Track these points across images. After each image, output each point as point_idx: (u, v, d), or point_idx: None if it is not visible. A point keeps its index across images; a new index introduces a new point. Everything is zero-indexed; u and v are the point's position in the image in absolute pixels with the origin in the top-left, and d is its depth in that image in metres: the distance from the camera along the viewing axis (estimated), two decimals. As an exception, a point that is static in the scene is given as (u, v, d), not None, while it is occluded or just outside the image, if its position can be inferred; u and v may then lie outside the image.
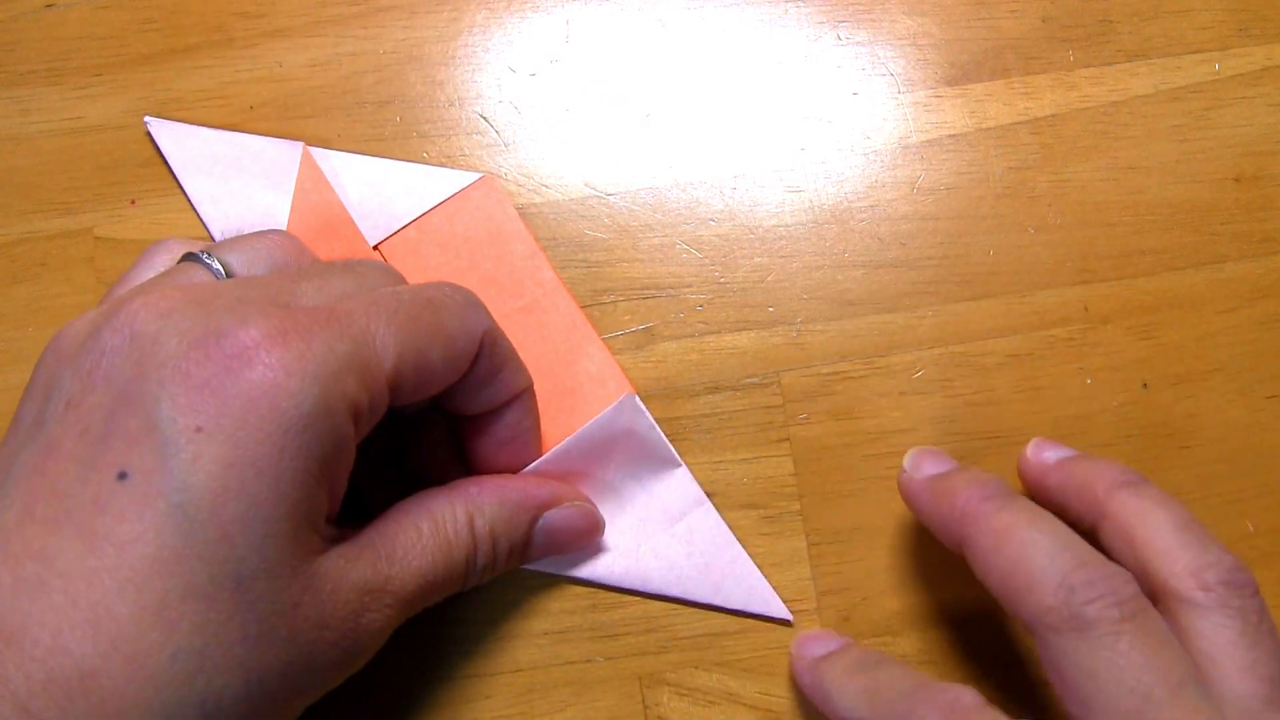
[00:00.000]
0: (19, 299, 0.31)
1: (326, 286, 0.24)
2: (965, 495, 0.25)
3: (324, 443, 0.21)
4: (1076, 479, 0.26)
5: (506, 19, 0.33)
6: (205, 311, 0.21)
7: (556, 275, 0.31)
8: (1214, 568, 0.23)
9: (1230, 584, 0.23)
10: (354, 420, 0.22)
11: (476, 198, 0.31)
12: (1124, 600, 0.22)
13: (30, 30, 0.33)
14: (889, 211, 0.31)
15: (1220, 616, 0.23)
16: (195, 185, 0.31)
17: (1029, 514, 0.24)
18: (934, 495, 0.26)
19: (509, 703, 0.29)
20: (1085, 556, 0.23)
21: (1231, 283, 0.31)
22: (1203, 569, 0.23)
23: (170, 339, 0.21)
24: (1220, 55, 0.32)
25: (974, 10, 0.33)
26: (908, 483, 0.27)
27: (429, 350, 0.23)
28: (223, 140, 0.31)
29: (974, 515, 0.25)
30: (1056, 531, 0.24)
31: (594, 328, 0.30)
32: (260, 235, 0.26)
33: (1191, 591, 0.23)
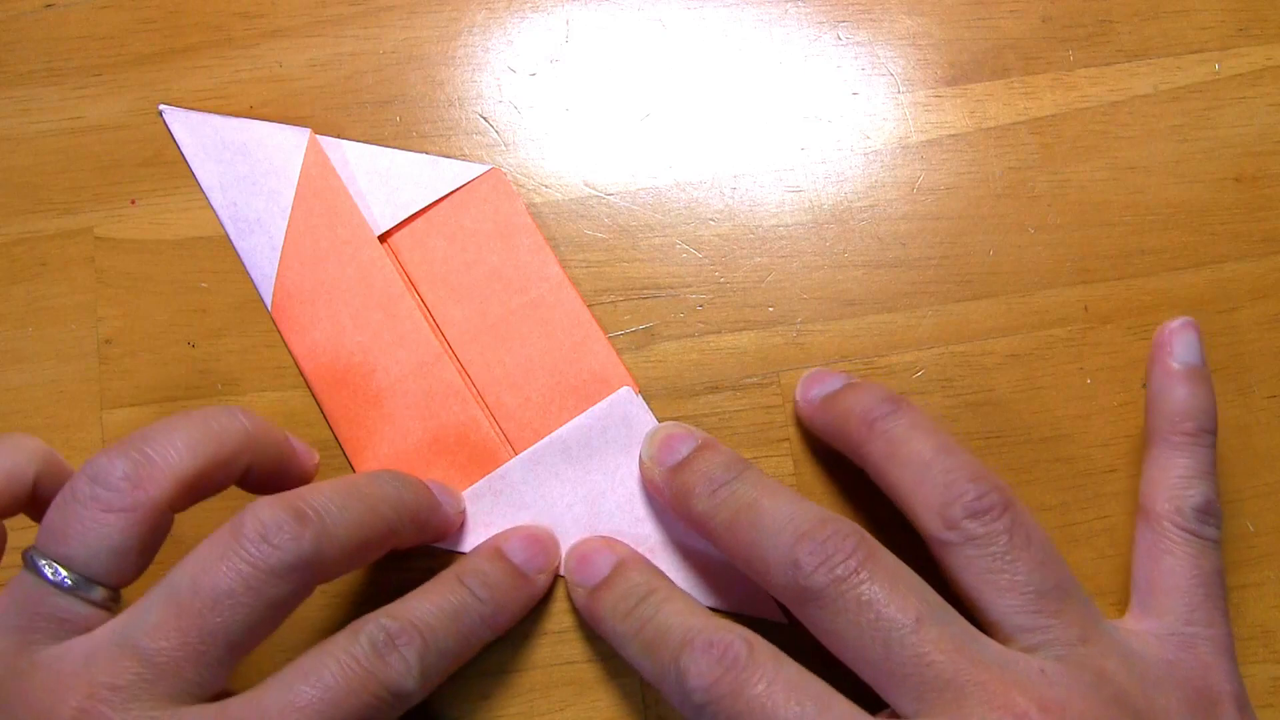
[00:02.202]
0: (19, 299, 0.31)
1: (232, 643, 0.23)
2: (696, 495, 0.26)
3: None
4: (836, 417, 0.27)
5: (506, 19, 0.33)
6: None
7: (563, 271, 0.31)
8: (957, 502, 0.24)
9: (975, 514, 0.24)
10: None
11: (484, 190, 0.31)
12: (846, 557, 0.23)
13: (30, 30, 0.33)
14: (889, 211, 0.31)
15: (970, 549, 0.24)
16: (205, 172, 0.31)
17: (752, 497, 0.25)
18: (673, 495, 0.27)
19: (509, 703, 0.29)
20: (804, 526, 0.24)
21: (1231, 283, 0.31)
22: (946, 506, 0.24)
23: None
24: (1220, 55, 0.32)
25: (974, 10, 0.33)
26: (650, 480, 0.28)
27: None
28: (232, 127, 0.31)
29: (706, 515, 0.25)
30: (777, 508, 0.24)
31: (598, 323, 0.30)
32: (97, 510, 0.23)
33: (940, 532, 0.24)
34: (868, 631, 0.23)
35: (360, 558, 0.25)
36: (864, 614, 0.23)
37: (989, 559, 0.24)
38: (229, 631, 0.22)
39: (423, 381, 0.30)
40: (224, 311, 0.31)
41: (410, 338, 0.30)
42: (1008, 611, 0.24)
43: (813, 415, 0.28)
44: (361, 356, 0.30)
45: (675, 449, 0.27)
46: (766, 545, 0.24)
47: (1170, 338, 0.28)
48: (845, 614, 0.23)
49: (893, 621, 0.22)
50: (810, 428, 0.29)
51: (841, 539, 0.23)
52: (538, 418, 0.30)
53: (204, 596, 0.22)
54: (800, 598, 0.23)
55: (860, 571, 0.23)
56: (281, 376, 0.31)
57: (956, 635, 0.23)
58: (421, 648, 0.24)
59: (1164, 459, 0.27)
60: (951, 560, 0.24)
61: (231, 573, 0.22)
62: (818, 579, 0.23)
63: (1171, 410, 0.27)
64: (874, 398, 0.27)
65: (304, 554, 0.23)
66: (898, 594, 0.23)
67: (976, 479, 0.24)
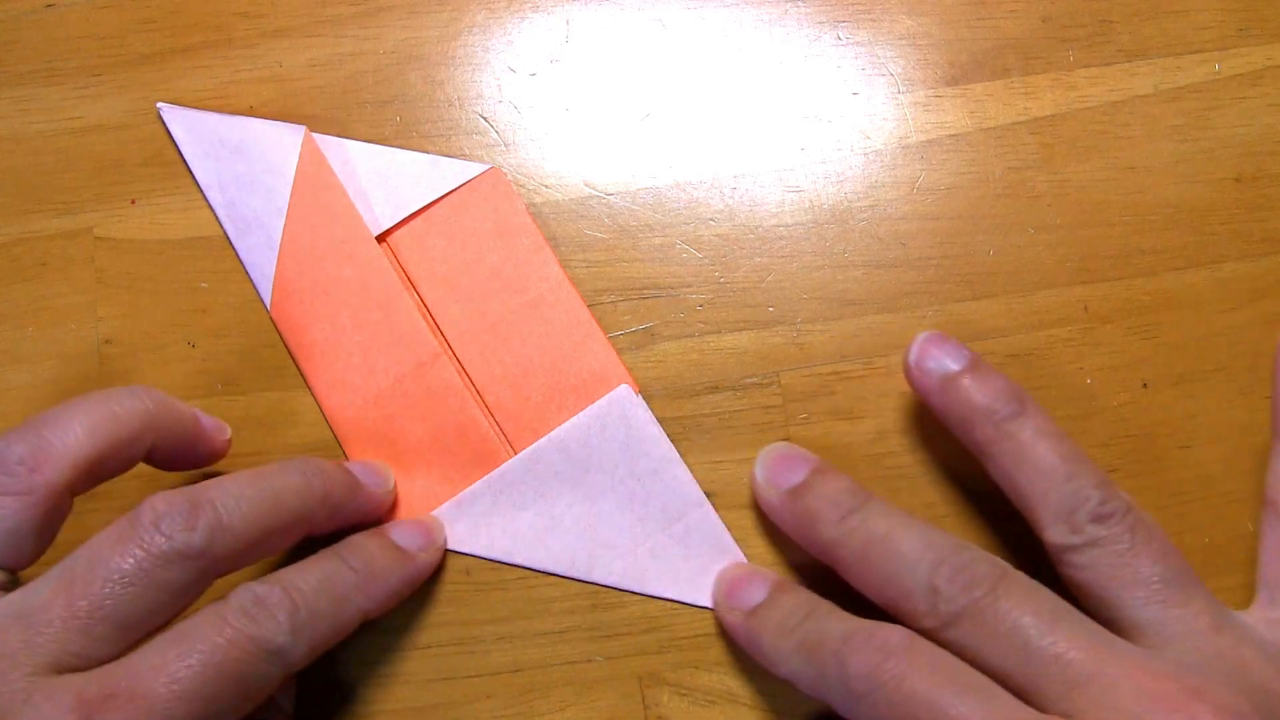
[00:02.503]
0: (19, 299, 0.31)
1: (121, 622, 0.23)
2: (824, 520, 0.26)
3: None
4: (957, 410, 0.27)
5: (506, 19, 0.33)
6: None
7: (562, 270, 0.31)
8: (1082, 508, 0.25)
9: (1098, 518, 0.25)
10: None
11: (484, 190, 0.31)
12: (982, 579, 0.24)
13: (30, 30, 0.33)
14: (889, 211, 0.31)
15: (1095, 550, 0.25)
16: (203, 170, 0.31)
17: (884, 525, 0.26)
18: (795, 519, 0.27)
19: (509, 703, 0.29)
20: (942, 553, 0.25)
21: (1231, 283, 0.31)
22: (1073, 513, 0.25)
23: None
24: (1220, 55, 0.32)
25: (974, 10, 0.33)
26: (766, 500, 0.28)
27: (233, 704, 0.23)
28: (228, 125, 0.31)
29: (836, 542, 0.26)
30: (911, 536, 0.25)
31: (598, 323, 0.30)
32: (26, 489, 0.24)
33: (1066, 537, 0.25)
34: (1005, 641, 0.23)
35: (265, 547, 0.25)
36: (1001, 625, 0.23)
37: (1114, 555, 0.25)
38: (118, 610, 0.23)
39: (422, 381, 0.30)
40: (224, 311, 0.31)
41: (409, 337, 0.30)
42: (1136, 605, 0.24)
43: (930, 391, 0.27)
44: (360, 356, 0.30)
45: (791, 471, 0.27)
46: (904, 574, 0.25)
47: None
48: (983, 629, 0.24)
49: (1029, 626, 0.23)
50: (922, 398, 0.28)
51: (978, 564, 0.24)
52: (537, 417, 0.30)
53: (95, 574, 0.23)
54: (941, 623, 0.24)
55: (997, 588, 0.24)
56: (281, 376, 0.31)
57: (1093, 633, 0.23)
58: (290, 607, 0.24)
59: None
60: (1076, 563, 0.25)
61: (124, 555, 0.23)
62: (959, 602, 0.24)
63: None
64: (1000, 392, 0.26)
65: (194, 544, 0.23)
66: (1031, 602, 0.24)
67: (1100, 486, 0.25)
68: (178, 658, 0.22)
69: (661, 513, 0.29)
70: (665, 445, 0.29)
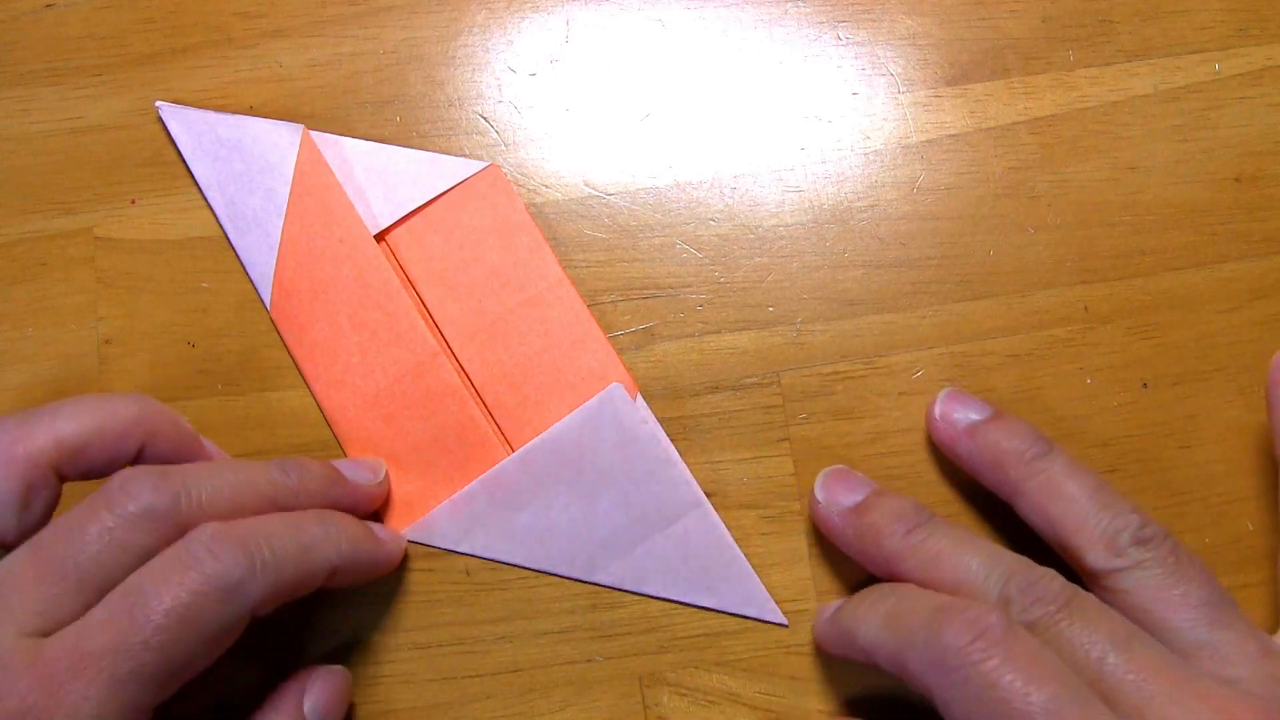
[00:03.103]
0: (19, 299, 0.31)
1: (87, 584, 0.23)
2: (889, 534, 0.26)
3: None
4: (987, 454, 0.28)
5: (506, 19, 0.33)
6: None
7: (561, 269, 0.31)
8: (1123, 532, 0.25)
9: (1141, 541, 0.25)
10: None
11: (482, 187, 0.31)
12: (1055, 595, 0.24)
13: (30, 30, 0.33)
14: (889, 211, 0.31)
15: (1139, 572, 0.25)
16: (202, 170, 0.31)
17: (952, 539, 0.26)
18: (858, 534, 0.27)
19: (509, 703, 0.29)
20: (1013, 567, 0.25)
21: (1231, 283, 0.31)
22: (1115, 536, 0.25)
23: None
24: (1220, 55, 0.32)
25: (974, 10, 0.33)
26: (827, 518, 0.28)
27: (192, 657, 0.23)
28: (227, 123, 0.31)
29: (901, 553, 0.26)
30: (980, 550, 0.26)
31: (597, 322, 0.30)
32: None
33: (1109, 561, 0.25)
34: (1078, 656, 0.23)
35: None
36: (1075, 639, 0.24)
37: (1159, 578, 0.25)
38: (80, 567, 0.23)
39: (421, 381, 0.30)
40: (224, 311, 0.31)
41: (408, 336, 0.30)
42: (1184, 627, 0.24)
43: (957, 440, 0.28)
44: (359, 356, 0.30)
45: (852, 491, 0.28)
46: (974, 586, 0.25)
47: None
48: (1056, 642, 0.24)
49: (1103, 643, 0.23)
50: (949, 452, 0.29)
51: (1050, 579, 0.25)
52: (536, 416, 0.30)
53: (63, 538, 0.23)
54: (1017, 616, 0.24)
55: (1071, 604, 0.24)
56: (281, 376, 0.31)
57: (1165, 655, 0.24)
58: (249, 546, 0.24)
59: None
60: (1120, 586, 0.25)
61: (91, 519, 0.24)
62: (1032, 614, 0.24)
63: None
64: (1027, 436, 0.27)
65: (159, 505, 0.24)
66: (1106, 621, 0.24)
67: (1137, 512, 0.26)
68: (135, 610, 0.22)
69: (659, 513, 0.29)
70: (661, 444, 0.29)
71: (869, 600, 0.26)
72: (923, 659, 0.23)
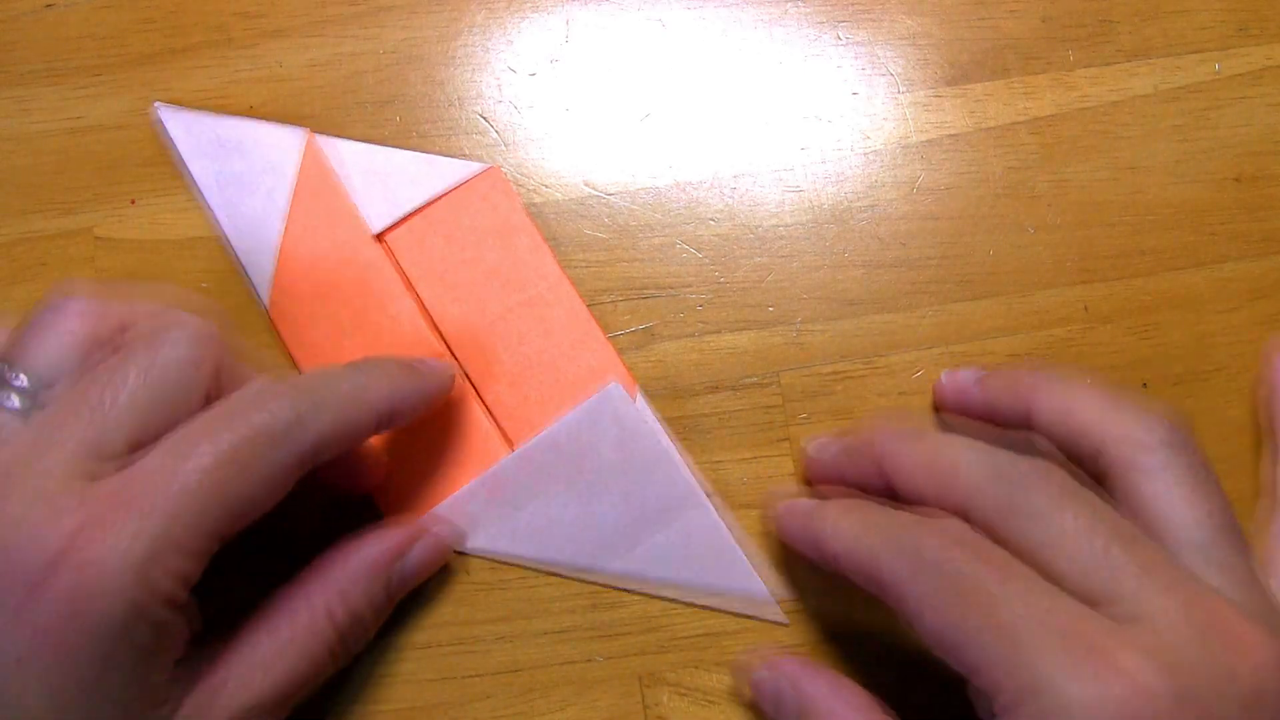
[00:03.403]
0: (19, 299, 0.31)
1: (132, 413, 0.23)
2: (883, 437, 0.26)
3: (147, 636, 0.21)
4: (1000, 383, 0.28)
5: (506, 19, 0.33)
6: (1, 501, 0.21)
7: (560, 269, 0.31)
8: (1153, 431, 0.24)
9: (1171, 444, 0.24)
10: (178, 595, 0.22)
11: (482, 189, 0.31)
12: (1060, 482, 0.23)
13: (30, 30, 0.33)
14: (889, 211, 0.31)
15: (1168, 476, 0.24)
16: (201, 170, 0.31)
17: (946, 437, 0.25)
18: (850, 458, 0.27)
19: (509, 703, 0.29)
20: (1006, 455, 0.24)
21: (1231, 283, 0.31)
22: (1144, 434, 0.24)
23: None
24: (1220, 55, 0.32)
25: (974, 10, 0.33)
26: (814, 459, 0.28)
27: (247, 497, 0.23)
28: (227, 126, 0.31)
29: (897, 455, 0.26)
30: (973, 444, 0.25)
31: (596, 322, 0.30)
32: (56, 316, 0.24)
33: (1136, 457, 0.24)
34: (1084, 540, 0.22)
35: None
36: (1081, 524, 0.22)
37: (1186, 488, 0.24)
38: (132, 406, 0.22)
39: (423, 381, 0.30)
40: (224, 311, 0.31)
41: (409, 337, 0.30)
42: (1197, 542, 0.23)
43: (967, 393, 0.28)
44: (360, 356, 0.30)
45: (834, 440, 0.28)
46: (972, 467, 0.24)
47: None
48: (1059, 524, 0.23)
49: (1111, 533, 0.22)
50: (961, 408, 0.29)
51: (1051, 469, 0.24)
52: (537, 414, 0.30)
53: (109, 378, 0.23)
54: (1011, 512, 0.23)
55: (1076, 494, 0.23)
56: (281, 376, 0.31)
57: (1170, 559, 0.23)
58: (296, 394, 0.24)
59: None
60: (1144, 488, 0.24)
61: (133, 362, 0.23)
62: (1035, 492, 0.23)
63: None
64: (1034, 366, 0.27)
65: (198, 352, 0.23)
66: (1108, 517, 0.23)
67: (1167, 413, 0.25)
68: (185, 453, 0.22)
69: (659, 511, 0.29)
70: (660, 443, 0.29)
71: (842, 508, 0.26)
72: (896, 563, 0.23)
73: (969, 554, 0.22)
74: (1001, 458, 0.24)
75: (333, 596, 0.26)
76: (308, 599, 0.25)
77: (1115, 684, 0.20)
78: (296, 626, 0.25)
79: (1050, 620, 0.21)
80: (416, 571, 0.28)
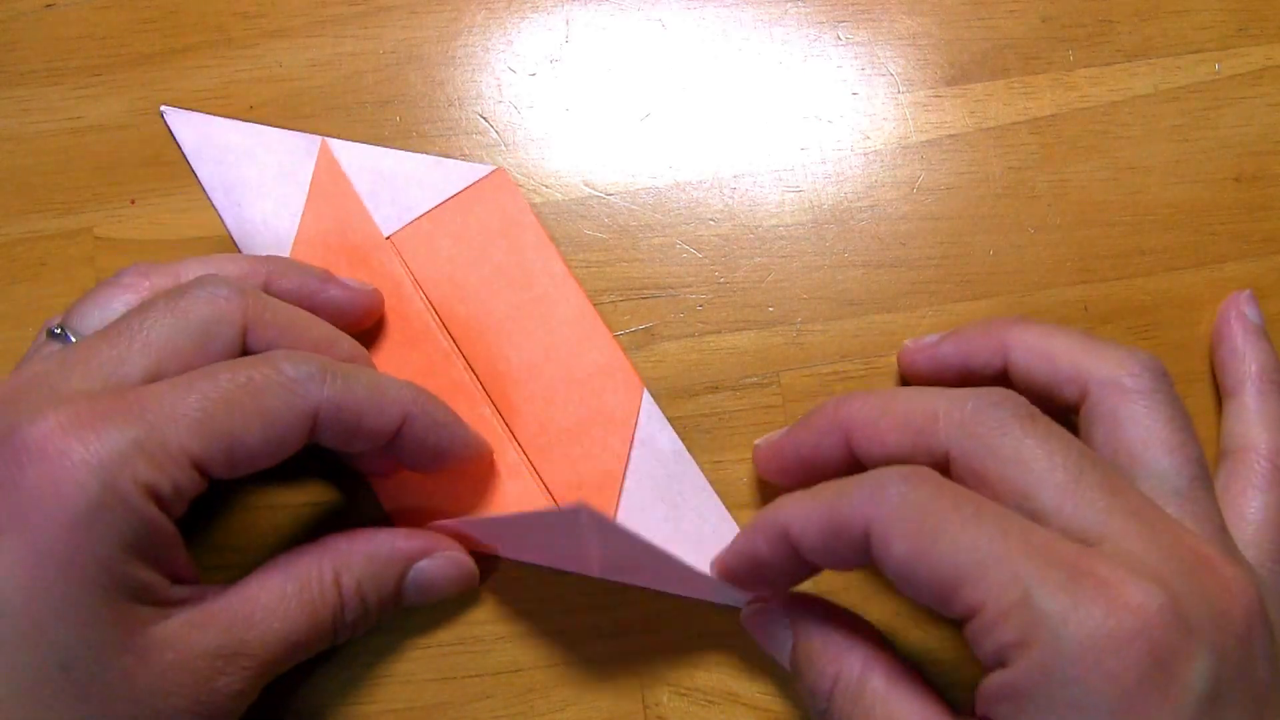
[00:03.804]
0: (19, 299, 0.31)
1: (152, 347, 0.24)
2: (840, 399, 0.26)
3: (122, 525, 0.22)
4: (973, 331, 0.28)
5: (506, 19, 0.33)
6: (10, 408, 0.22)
7: (566, 268, 0.31)
8: (1135, 357, 0.25)
9: (1155, 371, 0.25)
10: (155, 499, 0.22)
11: (489, 190, 0.31)
12: (1023, 405, 0.23)
13: (30, 30, 0.33)
14: (889, 211, 0.31)
15: (1149, 401, 0.24)
16: (208, 174, 0.31)
17: (917, 390, 0.25)
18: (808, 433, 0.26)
19: (509, 703, 0.29)
20: (984, 394, 0.24)
21: (1231, 283, 0.31)
22: (1126, 358, 0.25)
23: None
24: (1220, 55, 0.32)
25: (974, 10, 0.33)
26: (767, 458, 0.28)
27: (243, 434, 0.23)
28: (239, 131, 0.31)
29: (852, 404, 0.25)
30: (945, 390, 0.24)
31: (602, 320, 0.30)
32: (108, 285, 0.26)
33: (1120, 378, 0.24)
34: (1059, 456, 0.22)
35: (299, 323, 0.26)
36: (1053, 443, 0.22)
37: (1165, 418, 0.24)
38: (151, 337, 0.24)
39: (433, 381, 0.30)
40: (224, 311, 0.31)
41: (420, 338, 0.30)
42: (1169, 470, 0.23)
43: (935, 348, 0.28)
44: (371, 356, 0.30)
45: None
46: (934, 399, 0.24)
47: (1245, 301, 0.30)
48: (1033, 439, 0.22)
49: (1084, 454, 0.22)
50: (932, 362, 0.29)
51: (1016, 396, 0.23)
52: (544, 411, 0.30)
53: (130, 312, 0.25)
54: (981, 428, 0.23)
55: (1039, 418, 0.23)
56: (281, 376, 0.31)
57: (1140, 491, 0.23)
58: (323, 364, 0.24)
59: (1254, 405, 0.28)
60: (1124, 410, 0.24)
61: (155, 302, 0.25)
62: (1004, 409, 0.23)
63: (1262, 362, 0.29)
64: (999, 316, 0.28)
65: (220, 290, 0.25)
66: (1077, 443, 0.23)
67: (1149, 352, 0.25)
68: (181, 384, 0.23)
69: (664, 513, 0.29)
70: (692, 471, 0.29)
71: (801, 494, 0.24)
72: (862, 501, 0.22)
73: (935, 485, 0.22)
74: (981, 397, 0.23)
75: (343, 567, 0.26)
76: (319, 561, 0.26)
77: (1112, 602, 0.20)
78: (304, 582, 0.25)
79: (1027, 540, 0.21)
80: (435, 582, 0.28)
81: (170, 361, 0.24)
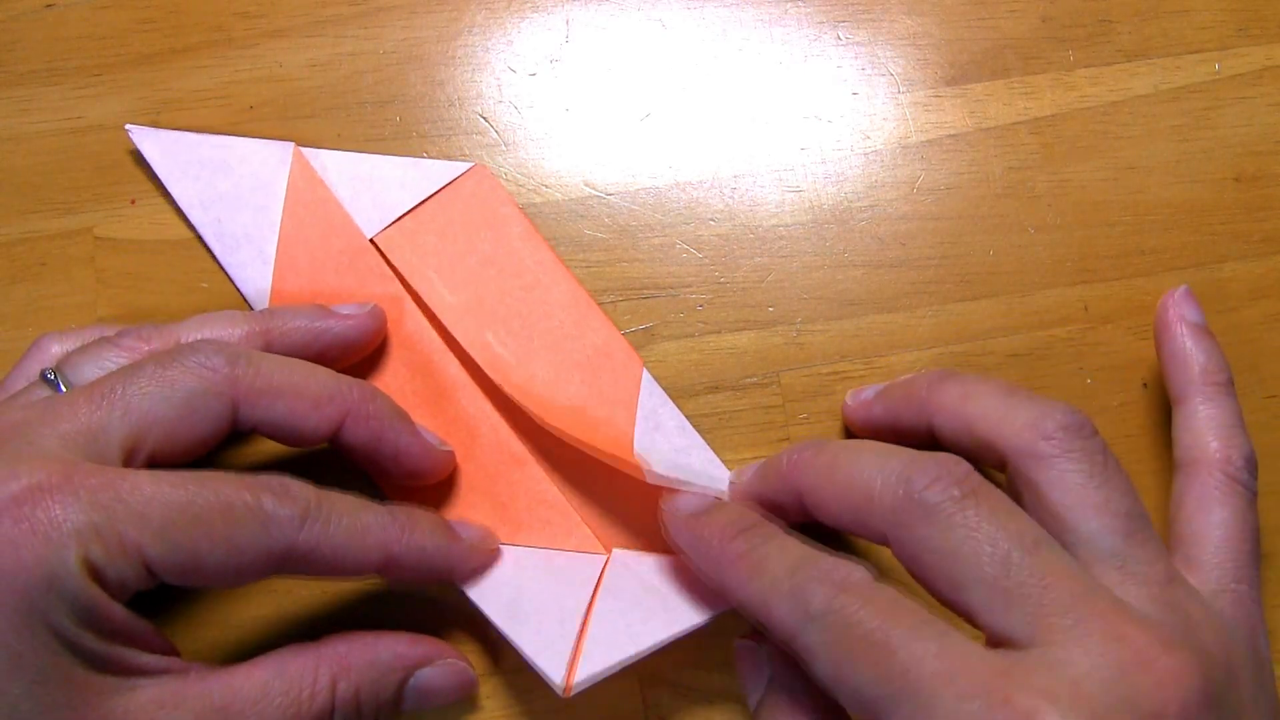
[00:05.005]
0: (19, 299, 0.31)
1: (132, 415, 0.24)
2: (788, 454, 0.26)
3: (70, 598, 0.21)
4: (899, 393, 0.28)
5: (506, 19, 0.33)
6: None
7: (554, 254, 0.31)
8: (1049, 417, 0.24)
9: (1069, 428, 0.24)
10: (99, 582, 0.22)
11: (469, 187, 0.31)
12: (960, 479, 0.23)
13: (30, 30, 0.33)
14: (889, 211, 0.31)
15: (1066, 462, 0.24)
16: (182, 190, 0.31)
17: (847, 449, 0.25)
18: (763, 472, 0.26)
19: (509, 703, 0.29)
20: (911, 455, 0.23)
21: (1231, 283, 0.31)
22: (1039, 420, 0.24)
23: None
24: (1220, 55, 0.32)
25: (974, 10, 0.33)
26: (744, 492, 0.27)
27: (205, 555, 0.23)
28: (209, 144, 0.31)
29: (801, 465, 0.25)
30: (876, 447, 0.24)
31: (595, 303, 0.30)
32: (106, 344, 0.26)
33: (1034, 444, 0.24)
34: (986, 548, 0.22)
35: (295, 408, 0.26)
36: (983, 530, 0.22)
37: (1085, 475, 0.24)
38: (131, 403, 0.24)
39: (429, 380, 0.30)
40: (224, 311, 0.31)
41: (413, 337, 0.30)
42: (1099, 532, 0.23)
43: (868, 408, 0.29)
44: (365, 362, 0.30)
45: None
46: (871, 471, 0.23)
47: (1181, 301, 0.29)
48: (962, 529, 0.22)
49: (1014, 540, 0.22)
50: (867, 423, 0.29)
51: (955, 464, 0.23)
52: (544, 394, 0.30)
53: (119, 372, 0.25)
54: (912, 516, 0.23)
55: (978, 492, 0.22)
56: (281, 376, 0.31)
57: (1070, 564, 0.22)
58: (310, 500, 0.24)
59: (1204, 411, 0.27)
60: (1042, 476, 0.24)
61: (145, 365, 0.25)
62: (933, 495, 0.22)
63: (1205, 363, 0.28)
64: (930, 372, 0.27)
65: (215, 361, 0.25)
66: (1015, 517, 0.22)
67: (1065, 404, 0.24)
68: (179, 482, 0.23)
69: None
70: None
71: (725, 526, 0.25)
72: (786, 614, 0.22)
73: (856, 601, 0.22)
74: (915, 476, 0.23)
75: (340, 673, 0.25)
76: (315, 665, 0.25)
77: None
78: (292, 683, 0.24)
79: (943, 665, 0.21)
80: (435, 690, 0.27)
81: (151, 430, 0.24)
